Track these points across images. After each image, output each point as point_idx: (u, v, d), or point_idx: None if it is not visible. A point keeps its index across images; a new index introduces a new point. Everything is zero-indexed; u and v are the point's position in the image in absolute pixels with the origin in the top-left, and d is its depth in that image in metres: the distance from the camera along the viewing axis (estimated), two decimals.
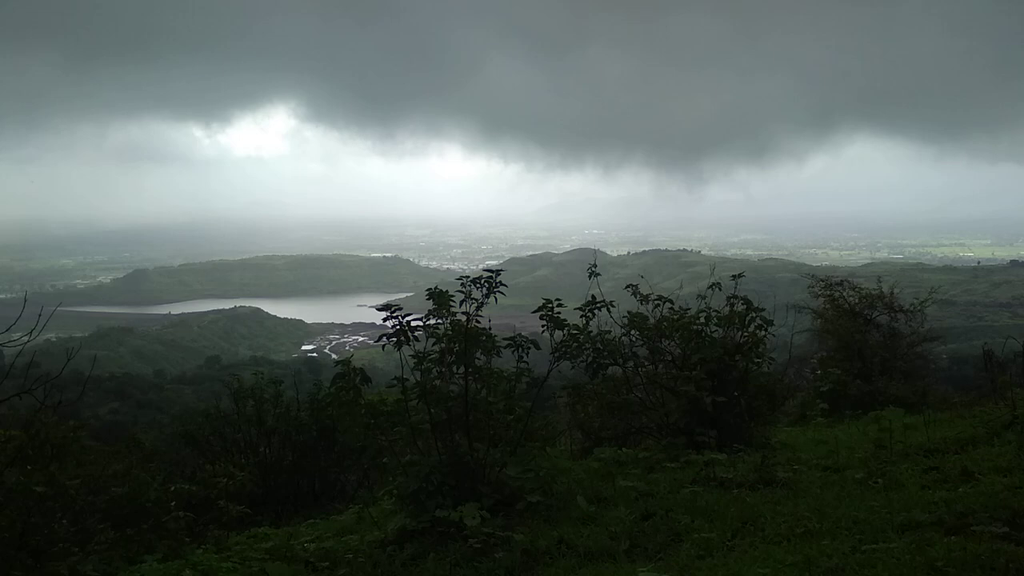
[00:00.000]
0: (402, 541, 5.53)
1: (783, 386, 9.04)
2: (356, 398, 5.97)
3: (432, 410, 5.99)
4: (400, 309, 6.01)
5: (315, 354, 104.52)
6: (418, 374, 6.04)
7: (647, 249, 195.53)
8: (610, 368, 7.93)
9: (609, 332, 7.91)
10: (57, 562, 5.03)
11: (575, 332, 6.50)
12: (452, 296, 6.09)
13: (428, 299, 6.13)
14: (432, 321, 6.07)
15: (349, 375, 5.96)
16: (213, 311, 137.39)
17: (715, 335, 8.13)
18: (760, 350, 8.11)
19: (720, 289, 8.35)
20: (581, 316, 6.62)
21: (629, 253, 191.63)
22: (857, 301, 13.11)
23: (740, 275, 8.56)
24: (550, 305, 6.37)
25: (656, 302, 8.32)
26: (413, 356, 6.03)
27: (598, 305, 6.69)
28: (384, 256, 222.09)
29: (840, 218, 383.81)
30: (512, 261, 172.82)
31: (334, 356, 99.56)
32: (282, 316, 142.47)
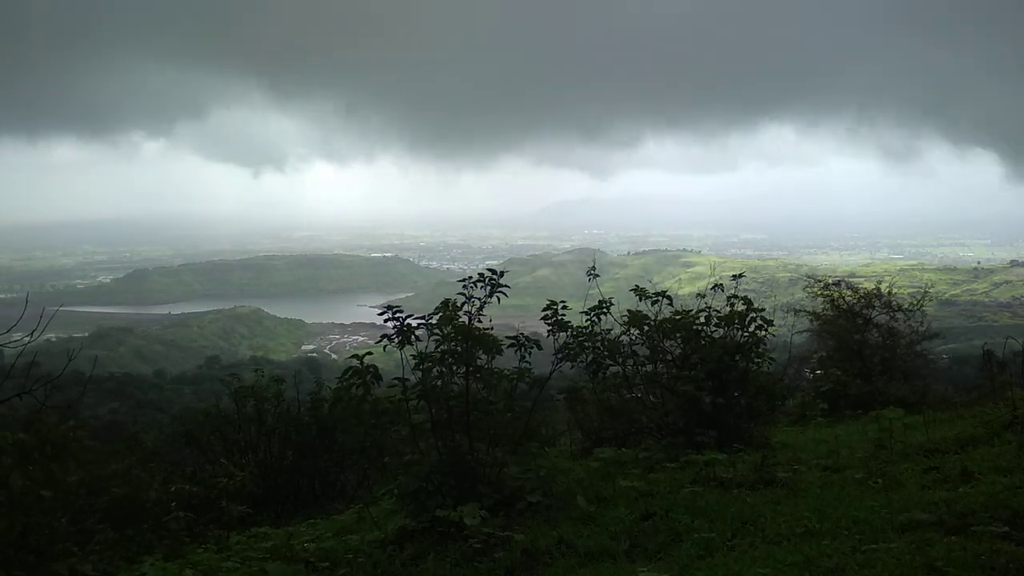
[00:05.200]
0: (402, 541, 5.54)
1: (783, 386, 9.04)
2: (365, 395, 5.96)
3: (433, 410, 5.99)
4: (401, 310, 6.02)
5: (315, 354, 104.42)
6: (419, 374, 6.04)
7: (647, 249, 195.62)
8: (610, 368, 7.95)
9: (609, 331, 7.92)
10: (57, 562, 5.03)
11: (580, 336, 6.52)
12: (456, 303, 6.08)
13: (435, 312, 6.10)
14: (433, 322, 6.07)
15: (362, 371, 5.94)
16: (213, 311, 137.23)
17: (715, 335, 8.14)
18: (760, 350, 8.11)
19: (722, 290, 8.36)
20: (587, 320, 6.64)
21: (629, 253, 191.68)
22: (855, 301, 13.11)
23: (740, 275, 8.57)
24: (555, 307, 6.39)
25: (654, 298, 8.33)
26: (414, 356, 6.03)
27: (603, 309, 6.71)
28: (384, 256, 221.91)
29: (840, 218, 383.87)
30: (512, 261, 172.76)
31: (334, 356, 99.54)
32: (282, 316, 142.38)
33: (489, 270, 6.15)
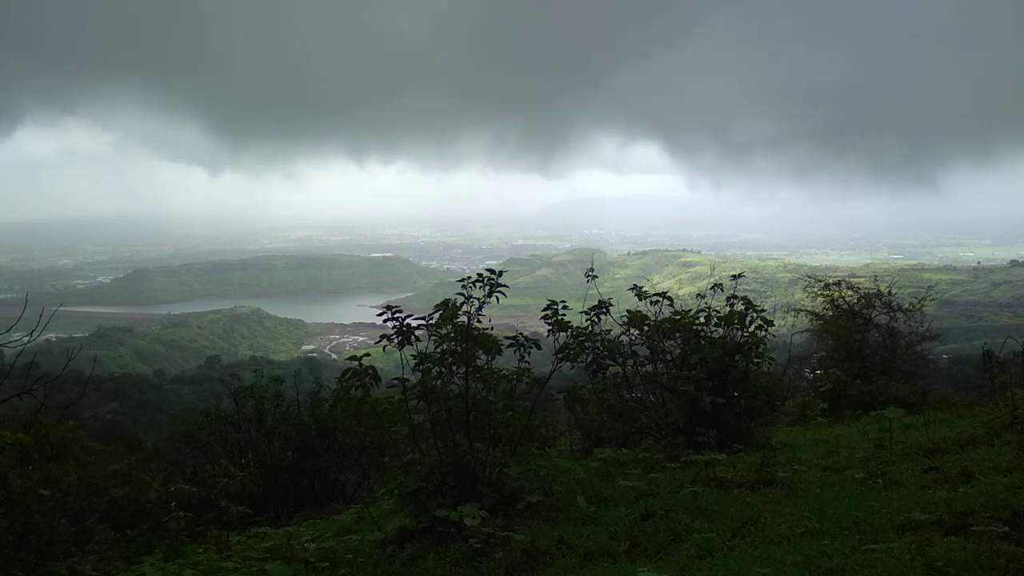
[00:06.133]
0: (402, 541, 5.53)
1: (783, 386, 9.04)
2: (364, 396, 5.93)
3: (432, 410, 5.99)
4: (400, 310, 6.01)
5: (315, 354, 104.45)
6: (418, 374, 6.04)
7: (647, 249, 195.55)
8: (610, 368, 7.94)
9: (609, 331, 7.93)
10: (57, 562, 5.03)
11: (580, 337, 6.51)
12: (456, 303, 6.07)
13: (435, 311, 6.09)
14: (433, 322, 6.07)
15: (360, 373, 5.91)
16: (213, 311, 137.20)
17: (715, 335, 8.14)
18: (760, 350, 8.11)
19: (721, 290, 8.36)
20: (586, 320, 6.64)
21: (629, 253, 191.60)
22: (855, 301, 13.10)
23: (739, 275, 8.57)
24: (555, 307, 6.38)
25: (655, 299, 8.33)
26: (414, 356, 6.02)
27: (603, 309, 6.70)
28: (384, 256, 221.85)
29: (839, 218, 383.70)
30: (512, 261, 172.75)
31: (334, 356, 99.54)
32: (282, 316, 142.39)
33: (488, 270, 6.14)
